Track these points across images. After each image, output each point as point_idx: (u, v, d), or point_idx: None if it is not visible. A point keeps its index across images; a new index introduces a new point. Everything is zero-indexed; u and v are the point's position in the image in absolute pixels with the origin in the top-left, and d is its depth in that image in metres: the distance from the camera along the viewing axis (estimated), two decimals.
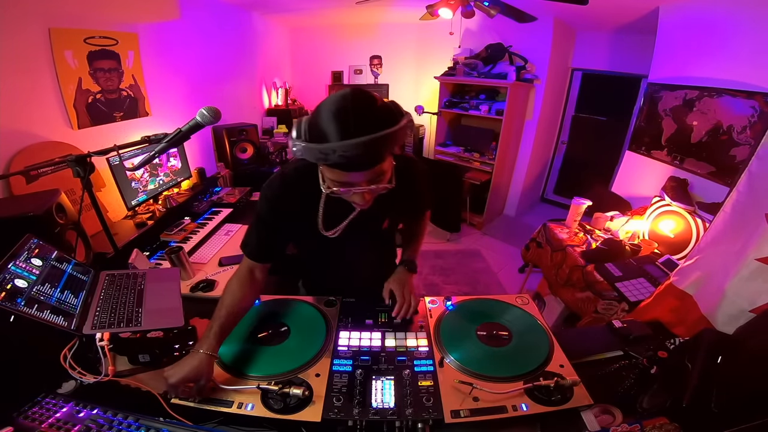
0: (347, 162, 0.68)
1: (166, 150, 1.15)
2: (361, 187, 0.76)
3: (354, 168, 0.71)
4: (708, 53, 2.27)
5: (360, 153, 0.66)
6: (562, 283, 2.10)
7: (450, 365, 0.90)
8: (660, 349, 0.96)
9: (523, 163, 4.19)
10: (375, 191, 0.78)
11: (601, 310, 1.74)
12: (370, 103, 0.70)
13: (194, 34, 2.85)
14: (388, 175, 0.78)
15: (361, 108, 0.68)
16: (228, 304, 0.91)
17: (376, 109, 0.70)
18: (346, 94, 0.69)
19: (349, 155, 0.66)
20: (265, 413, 0.77)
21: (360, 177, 0.74)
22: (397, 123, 0.69)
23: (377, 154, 0.71)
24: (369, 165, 0.72)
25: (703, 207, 2.04)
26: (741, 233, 1.08)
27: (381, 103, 0.72)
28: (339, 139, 0.66)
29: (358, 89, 0.71)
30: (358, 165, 0.71)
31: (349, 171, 0.72)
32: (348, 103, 0.68)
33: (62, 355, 0.90)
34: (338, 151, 0.66)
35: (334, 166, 0.71)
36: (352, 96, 0.69)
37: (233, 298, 0.92)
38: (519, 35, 3.62)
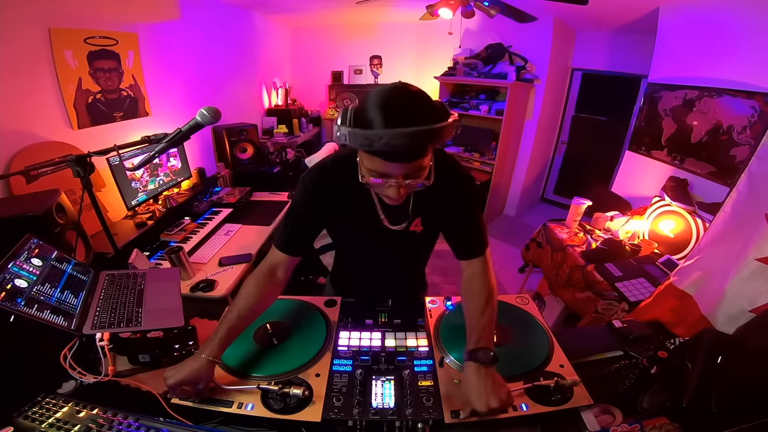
0: (391, 151, 0.68)
1: (166, 150, 1.15)
2: (398, 180, 0.75)
3: (396, 158, 0.71)
4: (708, 53, 2.27)
5: (405, 143, 0.66)
6: (563, 283, 2.10)
7: (450, 365, 0.90)
8: (660, 349, 0.96)
9: (523, 163, 4.19)
10: (410, 186, 0.77)
11: (601, 310, 1.74)
12: (420, 97, 0.71)
13: (194, 34, 2.85)
14: (426, 172, 0.77)
15: (410, 100, 0.69)
16: (241, 308, 0.87)
17: (425, 103, 0.70)
18: (397, 86, 0.71)
19: (393, 144, 0.65)
20: (265, 413, 0.76)
21: (399, 169, 0.73)
22: (443, 119, 0.69)
23: (421, 147, 0.71)
24: (411, 157, 0.71)
25: (703, 207, 2.04)
26: (741, 233, 1.08)
27: (429, 99, 0.72)
28: (385, 127, 0.66)
29: (407, 84, 0.72)
30: (400, 156, 0.70)
31: (390, 161, 0.71)
32: (399, 94, 0.69)
33: (62, 355, 0.90)
34: (384, 139, 0.65)
35: (376, 153, 0.71)
36: (403, 88, 0.70)
37: (247, 302, 0.88)
38: (519, 35, 3.62)
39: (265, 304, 0.94)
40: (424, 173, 0.77)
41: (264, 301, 0.93)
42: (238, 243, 1.98)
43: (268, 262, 0.96)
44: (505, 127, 3.64)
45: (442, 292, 3.00)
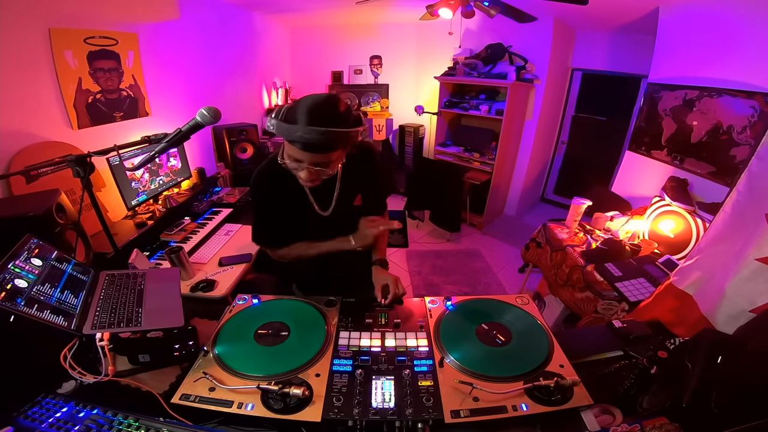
0: (304, 143, 0.90)
1: (166, 150, 1.15)
2: (308, 166, 0.96)
3: (307, 149, 0.92)
4: (708, 53, 2.27)
5: (315, 138, 0.88)
6: (562, 283, 2.10)
7: (450, 365, 0.90)
8: (660, 349, 0.96)
9: (523, 163, 4.19)
10: (318, 173, 0.98)
11: (601, 310, 1.74)
12: (336, 106, 0.91)
13: (194, 34, 2.85)
14: (334, 165, 1.00)
15: (327, 107, 0.90)
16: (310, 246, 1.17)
17: (338, 112, 0.91)
18: (321, 96, 0.92)
19: (306, 137, 0.88)
20: (265, 413, 0.77)
21: (308, 158, 0.94)
22: (350, 128, 0.92)
23: (326, 145, 0.91)
24: (318, 150, 0.92)
25: (703, 207, 2.04)
26: (741, 233, 1.08)
27: (345, 109, 0.93)
28: (305, 125, 0.87)
29: (334, 95, 0.95)
30: (311, 147, 0.91)
31: (303, 150, 0.92)
32: (322, 102, 0.90)
33: (62, 355, 0.90)
34: (299, 132, 0.88)
35: (294, 143, 0.92)
36: (325, 98, 0.92)
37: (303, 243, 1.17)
38: (519, 35, 3.62)
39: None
40: (332, 165, 0.99)
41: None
42: (238, 243, 1.98)
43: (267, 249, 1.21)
44: (505, 127, 3.65)
45: (442, 292, 3.01)
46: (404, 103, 4.64)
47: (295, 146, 0.92)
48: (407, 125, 4.61)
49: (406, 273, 3.18)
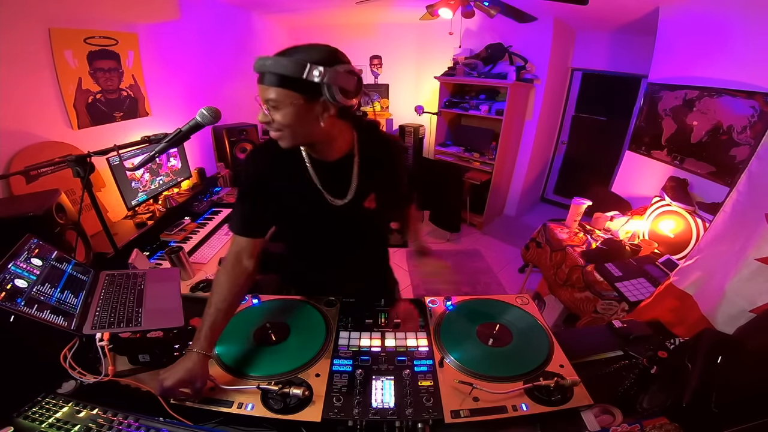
0: (256, 70, 0.82)
1: (166, 150, 1.15)
2: (259, 99, 0.85)
3: (259, 80, 0.83)
4: (708, 53, 2.27)
5: (258, 64, 0.81)
6: (561, 283, 2.10)
7: (450, 365, 0.90)
8: (660, 349, 0.96)
9: (523, 163, 4.19)
10: (268, 117, 0.85)
11: (601, 310, 1.74)
12: (308, 46, 0.82)
13: (194, 34, 2.85)
14: (280, 110, 0.83)
15: (297, 46, 0.82)
16: (215, 302, 0.89)
17: (303, 50, 0.81)
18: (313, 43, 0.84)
19: (255, 63, 0.81)
20: (265, 413, 0.77)
21: (260, 92, 0.84)
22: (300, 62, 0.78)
23: (267, 74, 0.81)
24: (262, 80, 0.82)
25: (703, 207, 2.04)
26: (741, 233, 1.08)
27: (318, 49, 0.82)
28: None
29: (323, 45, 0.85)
30: (260, 78, 0.83)
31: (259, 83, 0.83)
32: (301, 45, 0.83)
33: (62, 355, 0.90)
34: (256, 60, 0.81)
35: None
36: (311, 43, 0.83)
37: (219, 294, 0.90)
38: (519, 35, 3.62)
39: (238, 295, 0.95)
40: (279, 109, 0.83)
41: (236, 292, 0.94)
42: None
43: (232, 251, 0.98)
44: (505, 127, 3.64)
45: (442, 292, 3.01)
46: (404, 103, 4.63)
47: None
48: (407, 125, 4.61)
49: (406, 273, 3.18)
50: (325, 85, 0.78)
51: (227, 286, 0.92)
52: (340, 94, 0.80)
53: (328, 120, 0.86)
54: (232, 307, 0.92)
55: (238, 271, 0.96)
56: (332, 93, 0.79)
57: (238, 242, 0.97)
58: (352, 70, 0.83)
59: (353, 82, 0.83)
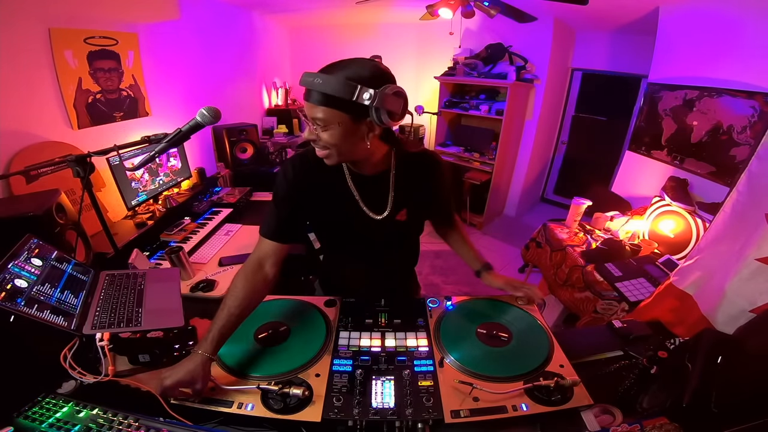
0: (301, 84, 0.80)
1: (166, 150, 1.15)
2: (305, 116, 0.84)
3: (305, 98, 0.82)
4: (708, 53, 2.27)
5: (306, 81, 0.78)
6: (561, 283, 2.10)
7: (450, 365, 0.90)
8: (660, 349, 0.96)
9: (523, 163, 4.19)
10: (314, 134, 0.84)
11: (601, 310, 1.75)
12: (357, 63, 0.80)
13: (194, 34, 2.85)
14: (328, 129, 0.82)
15: (344, 62, 0.80)
16: (229, 305, 0.88)
17: (351, 68, 0.79)
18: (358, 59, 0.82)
19: (302, 79, 0.79)
20: (265, 413, 0.77)
21: (306, 110, 0.82)
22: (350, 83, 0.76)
23: (314, 92, 0.79)
24: (308, 98, 0.80)
25: (703, 207, 2.04)
26: (741, 233, 1.08)
27: (367, 67, 0.79)
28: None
29: (372, 60, 0.83)
30: (305, 95, 0.81)
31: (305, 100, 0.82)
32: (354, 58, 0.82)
33: (62, 355, 0.90)
34: (303, 76, 0.79)
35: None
36: (359, 58, 0.82)
37: (235, 299, 0.89)
38: (519, 35, 3.62)
39: (254, 301, 0.94)
40: (324, 127, 0.81)
41: (253, 298, 0.93)
42: (238, 243, 1.97)
43: (255, 255, 0.97)
44: (505, 127, 3.64)
45: (442, 292, 3.01)
46: None
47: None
48: (407, 125, 4.61)
49: None
50: (373, 108, 0.77)
51: (245, 292, 0.91)
52: (387, 117, 0.79)
53: (372, 140, 0.86)
54: (245, 312, 0.91)
55: (259, 277, 0.96)
56: (380, 116, 0.79)
57: (264, 247, 0.97)
58: (399, 92, 0.81)
59: (400, 104, 0.82)
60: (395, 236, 1.08)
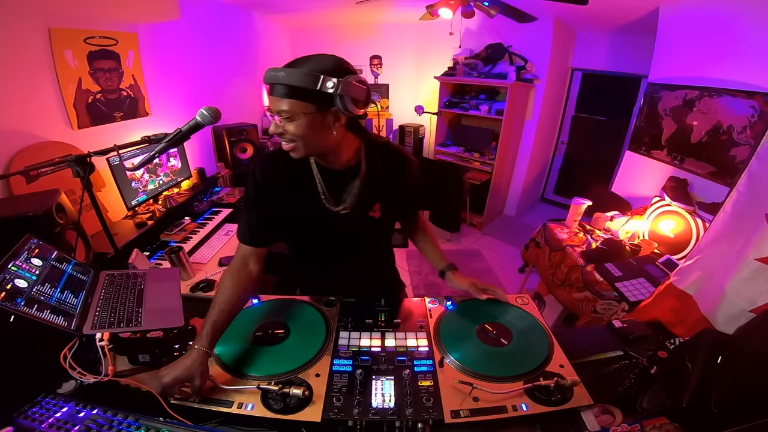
0: (266, 82, 0.82)
1: (166, 150, 1.15)
2: (270, 111, 0.86)
3: (269, 92, 0.83)
4: (708, 53, 2.27)
5: (269, 76, 0.80)
6: (560, 282, 2.10)
7: (450, 365, 0.90)
8: (660, 349, 0.96)
9: (523, 163, 4.19)
10: (281, 128, 0.85)
11: (601, 310, 1.75)
12: (317, 57, 0.83)
13: (194, 33, 2.85)
14: (294, 121, 0.83)
15: (306, 57, 0.84)
16: (219, 302, 0.91)
17: (313, 61, 0.82)
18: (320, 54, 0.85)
19: (265, 75, 0.81)
20: (265, 413, 0.77)
21: (272, 103, 0.83)
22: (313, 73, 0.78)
23: (279, 85, 0.81)
24: (273, 92, 0.82)
25: (703, 207, 2.04)
26: (741, 233, 1.08)
27: (329, 60, 0.83)
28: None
29: (333, 55, 0.86)
30: (271, 90, 0.83)
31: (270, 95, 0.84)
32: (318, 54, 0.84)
33: (62, 355, 0.90)
34: (266, 72, 0.81)
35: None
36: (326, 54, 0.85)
37: (224, 295, 0.93)
38: (519, 35, 3.62)
39: (242, 296, 0.97)
40: (292, 121, 0.83)
41: (240, 294, 0.96)
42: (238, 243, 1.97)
43: (239, 255, 1.01)
44: (505, 127, 3.65)
45: (442, 292, 3.00)
46: (404, 103, 4.63)
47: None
48: (407, 125, 4.61)
49: (406, 273, 3.18)
50: (338, 96, 0.80)
51: (232, 288, 0.95)
52: (351, 104, 0.82)
53: (339, 129, 0.88)
54: (236, 308, 0.94)
55: (244, 274, 0.99)
56: (344, 103, 0.81)
57: (244, 249, 1.01)
58: (362, 80, 0.85)
59: (363, 92, 0.85)
60: (365, 233, 1.08)
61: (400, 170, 1.05)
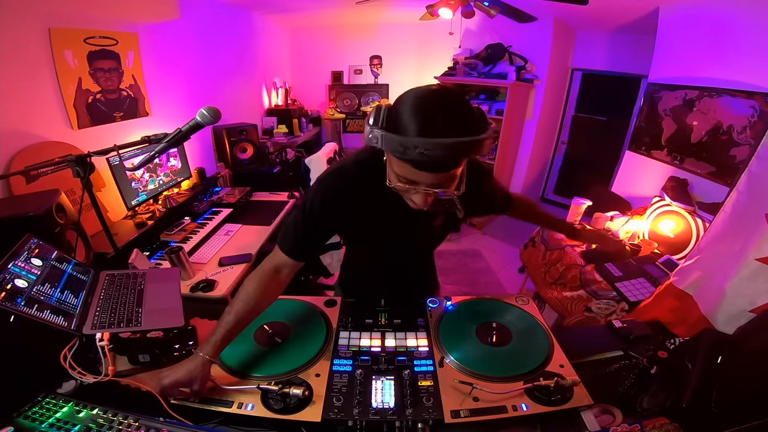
0: (426, 160, 0.63)
1: (166, 150, 1.15)
2: (427, 188, 0.71)
3: (428, 168, 0.66)
4: (708, 53, 2.27)
5: (442, 154, 0.62)
6: (551, 281, 2.10)
7: (450, 365, 0.90)
8: (660, 349, 0.96)
9: (523, 163, 4.19)
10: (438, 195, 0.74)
11: (596, 310, 1.74)
12: (460, 104, 0.67)
13: (194, 33, 2.85)
14: (457, 182, 0.73)
15: (450, 108, 0.65)
16: (238, 310, 0.85)
17: (464, 111, 0.67)
18: (437, 90, 0.67)
19: (430, 154, 0.61)
20: (265, 413, 0.77)
21: (429, 178, 0.69)
22: (482, 130, 0.66)
23: (457, 159, 0.67)
24: (445, 168, 0.68)
25: (703, 207, 2.04)
26: (741, 233, 1.08)
27: (469, 106, 0.68)
28: (421, 136, 0.62)
29: (448, 87, 0.69)
30: (433, 165, 0.66)
31: (421, 170, 0.67)
32: (438, 100, 0.66)
33: (62, 355, 0.90)
34: (420, 148, 0.61)
35: (409, 162, 0.66)
36: (443, 92, 0.67)
37: (245, 304, 0.86)
38: (519, 35, 3.62)
39: (264, 306, 0.91)
40: (454, 183, 0.73)
41: (263, 303, 0.90)
42: (238, 243, 1.98)
43: (273, 262, 0.92)
44: (505, 127, 3.65)
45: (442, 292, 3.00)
46: None
47: (408, 165, 0.67)
48: None
49: None
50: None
51: (256, 298, 0.87)
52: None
53: None
54: (252, 317, 0.88)
55: (274, 284, 0.92)
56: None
57: (283, 258, 0.92)
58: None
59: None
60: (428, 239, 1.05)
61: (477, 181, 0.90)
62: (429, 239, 1.05)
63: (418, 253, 1.12)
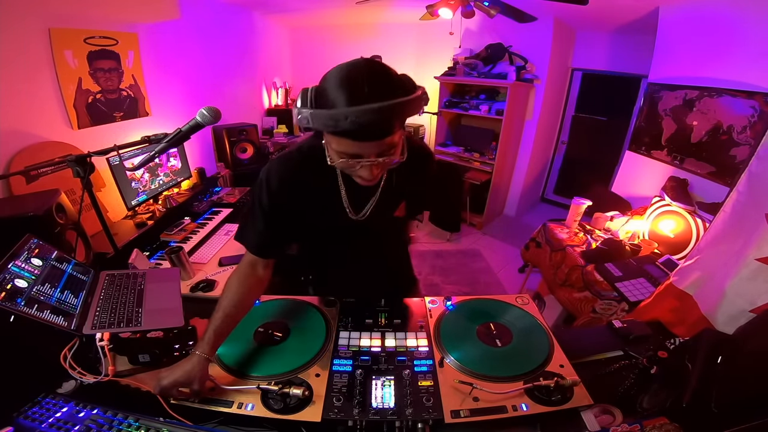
0: (358, 129, 0.64)
1: (166, 150, 1.15)
2: (370, 159, 0.71)
3: (365, 137, 0.67)
4: (708, 53, 2.27)
5: (373, 120, 0.63)
6: (560, 282, 2.10)
7: (450, 365, 0.90)
8: (660, 349, 0.96)
9: (523, 163, 4.19)
10: (384, 165, 0.74)
11: (600, 310, 1.74)
12: (383, 71, 0.68)
13: (194, 33, 2.85)
14: (399, 148, 0.74)
15: (374, 75, 0.66)
16: (224, 306, 0.87)
17: (389, 77, 0.68)
18: (358, 62, 0.68)
19: (361, 122, 0.62)
20: (265, 413, 0.77)
21: (370, 148, 0.69)
22: (411, 93, 0.67)
23: (390, 123, 0.67)
24: (381, 134, 0.68)
25: (703, 207, 2.04)
26: (741, 233, 1.08)
27: (392, 72, 0.69)
28: (350, 105, 0.63)
29: (369, 59, 0.70)
30: (369, 134, 0.67)
31: (359, 140, 0.67)
32: (361, 70, 0.66)
33: (62, 355, 0.90)
34: (350, 117, 0.62)
35: (343, 134, 0.67)
36: (365, 63, 0.68)
37: (230, 300, 0.88)
38: (519, 35, 3.62)
39: (248, 301, 0.93)
40: (397, 150, 0.73)
41: (247, 298, 0.92)
42: (238, 243, 1.97)
43: (246, 260, 0.94)
44: (505, 127, 3.64)
45: (442, 292, 3.01)
46: None
47: (345, 138, 0.67)
48: (407, 125, 4.60)
49: None
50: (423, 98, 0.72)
51: (239, 293, 0.90)
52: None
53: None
54: (240, 313, 0.90)
55: (253, 279, 0.94)
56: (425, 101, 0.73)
57: (252, 256, 0.94)
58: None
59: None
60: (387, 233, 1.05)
61: (423, 164, 0.96)
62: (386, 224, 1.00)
63: (383, 242, 1.07)
